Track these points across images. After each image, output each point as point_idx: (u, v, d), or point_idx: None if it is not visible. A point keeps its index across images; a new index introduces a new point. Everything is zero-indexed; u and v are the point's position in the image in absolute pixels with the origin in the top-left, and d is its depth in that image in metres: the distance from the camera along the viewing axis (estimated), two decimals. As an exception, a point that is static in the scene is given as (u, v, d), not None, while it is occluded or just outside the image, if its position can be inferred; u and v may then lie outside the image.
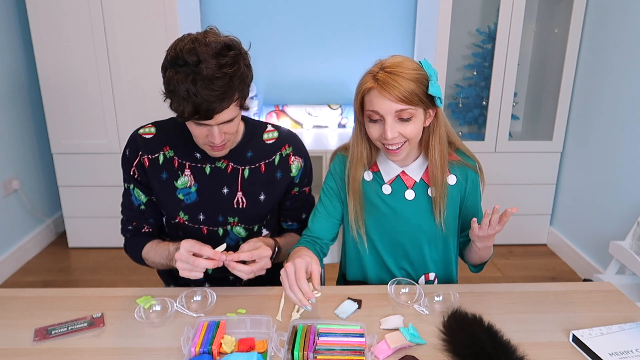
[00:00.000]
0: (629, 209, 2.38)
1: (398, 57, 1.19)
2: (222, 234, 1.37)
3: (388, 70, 1.15)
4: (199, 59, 1.07)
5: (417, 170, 1.31)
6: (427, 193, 1.31)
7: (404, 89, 1.13)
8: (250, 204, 1.34)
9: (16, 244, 2.84)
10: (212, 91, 1.07)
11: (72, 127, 2.79)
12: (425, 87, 1.16)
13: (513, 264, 2.91)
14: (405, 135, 1.18)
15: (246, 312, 1.19)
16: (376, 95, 1.15)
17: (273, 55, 3.20)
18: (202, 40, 1.09)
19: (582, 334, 1.07)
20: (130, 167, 1.33)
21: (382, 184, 1.31)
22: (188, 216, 1.34)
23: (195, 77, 1.07)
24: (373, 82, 1.15)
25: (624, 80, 2.42)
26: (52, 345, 1.06)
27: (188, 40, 1.11)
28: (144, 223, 1.39)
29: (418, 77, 1.15)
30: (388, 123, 1.16)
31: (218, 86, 1.07)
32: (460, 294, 1.20)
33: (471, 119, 3.05)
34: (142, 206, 1.37)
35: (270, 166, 1.35)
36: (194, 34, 1.14)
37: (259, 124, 1.38)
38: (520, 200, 3.01)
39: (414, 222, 1.32)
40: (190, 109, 1.09)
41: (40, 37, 2.63)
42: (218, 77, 1.07)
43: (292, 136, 1.39)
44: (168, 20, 2.61)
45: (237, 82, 1.11)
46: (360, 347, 1.01)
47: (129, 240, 1.40)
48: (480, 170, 1.34)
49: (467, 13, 3.00)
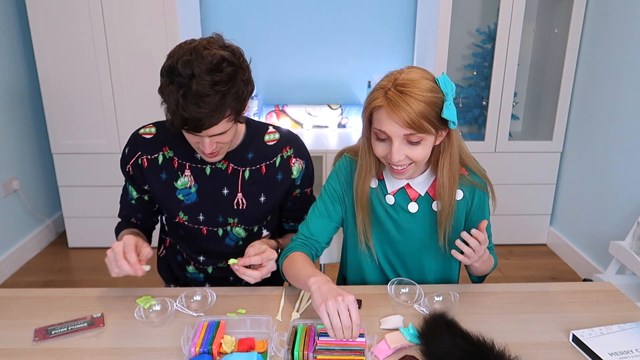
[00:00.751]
0: (629, 209, 2.38)
1: (414, 71, 1.11)
2: (222, 235, 1.37)
3: (400, 88, 1.07)
4: (193, 73, 1.05)
5: (423, 184, 1.27)
6: (431, 207, 1.27)
7: (414, 114, 1.05)
8: (250, 205, 1.34)
9: (16, 244, 2.84)
10: (201, 108, 1.06)
11: (72, 127, 2.79)
12: (439, 110, 1.08)
13: (513, 264, 2.91)
14: (412, 159, 1.13)
15: (246, 312, 1.18)
16: (385, 115, 1.08)
17: (273, 55, 3.20)
18: (201, 52, 1.07)
19: (582, 334, 1.07)
20: (126, 165, 1.35)
21: (385, 193, 1.28)
22: (188, 216, 1.35)
23: (186, 92, 1.05)
24: (383, 100, 1.08)
25: (623, 80, 2.42)
26: (52, 345, 1.06)
27: (187, 49, 1.08)
28: (132, 215, 1.43)
29: (432, 99, 1.07)
30: (395, 146, 1.10)
31: (208, 103, 1.06)
32: (460, 294, 1.20)
33: (471, 119, 3.05)
34: (132, 201, 1.40)
35: (271, 168, 1.34)
36: (197, 41, 1.12)
37: (261, 126, 1.37)
38: (520, 200, 3.01)
39: (414, 235, 1.29)
40: (179, 121, 1.09)
41: (41, 37, 2.63)
42: (209, 95, 1.05)
43: (293, 138, 1.38)
44: (168, 20, 2.61)
45: (231, 99, 1.09)
46: (360, 347, 1.01)
47: (119, 223, 1.45)
48: (492, 190, 1.29)
49: (467, 13, 3.00)
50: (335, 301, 0.99)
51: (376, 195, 1.29)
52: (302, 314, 1.18)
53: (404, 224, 1.29)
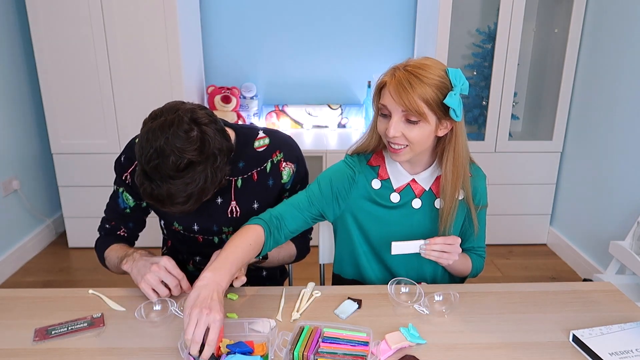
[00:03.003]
0: (629, 209, 2.38)
1: (429, 59, 1.17)
2: (218, 242, 1.38)
3: (410, 69, 1.13)
4: (162, 177, 1.06)
5: (428, 179, 1.29)
6: (433, 204, 1.29)
7: (416, 94, 1.11)
8: (244, 212, 1.33)
9: (16, 244, 2.83)
10: (174, 206, 1.10)
11: (72, 127, 2.79)
12: (443, 96, 1.13)
13: (513, 264, 2.91)
14: (407, 138, 1.16)
15: (237, 298, 1.21)
16: (388, 91, 1.15)
17: (273, 55, 3.20)
18: (168, 156, 1.04)
19: (582, 334, 1.07)
20: (123, 173, 1.33)
21: (391, 192, 1.29)
22: (182, 226, 1.35)
23: (159, 193, 1.07)
24: (390, 78, 1.15)
25: (623, 80, 2.42)
26: (52, 345, 1.06)
27: (154, 149, 1.05)
28: (122, 226, 1.39)
29: (438, 84, 1.12)
30: (393, 120, 1.15)
31: (181, 202, 1.09)
32: (460, 294, 1.20)
33: (471, 119, 3.05)
34: (127, 209, 1.37)
35: (262, 174, 1.33)
36: (164, 131, 1.05)
37: (250, 132, 1.35)
38: (520, 200, 3.01)
39: (416, 231, 1.30)
40: (149, 200, 1.12)
41: (40, 37, 2.63)
42: (180, 195, 1.08)
43: (284, 142, 1.36)
44: (168, 20, 2.61)
45: (201, 194, 1.11)
46: (363, 352, 1.01)
47: (100, 238, 1.41)
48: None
49: (467, 13, 3.00)
50: (201, 312, 0.96)
51: (380, 195, 1.29)
52: (302, 314, 1.17)
53: (408, 221, 1.30)
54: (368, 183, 1.30)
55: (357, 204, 1.31)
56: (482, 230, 1.38)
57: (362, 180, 1.30)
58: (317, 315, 1.17)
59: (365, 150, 1.31)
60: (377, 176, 1.30)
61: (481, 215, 1.36)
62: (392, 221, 1.30)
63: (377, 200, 1.29)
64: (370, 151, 1.31)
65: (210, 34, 3.14)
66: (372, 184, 1.30)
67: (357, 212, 1.32)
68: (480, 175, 1.34)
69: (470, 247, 1.39)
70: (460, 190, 1.26)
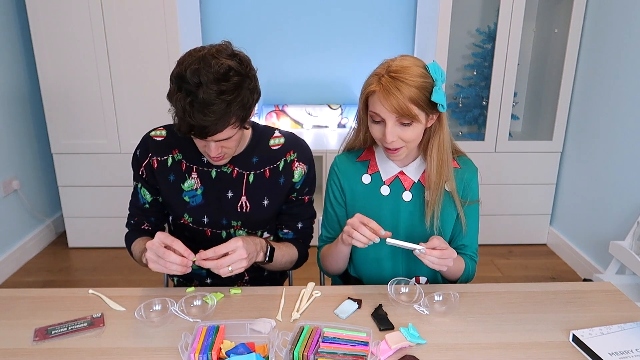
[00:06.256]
0: (629, 209, 2.39)
1: (406, 59, 1.20)
2: (226, 237, 1.38)
3: (393, 74, 1.16)
4: (200, 81, 1.08)
5: (416, 171, 1.32)
6: (423, 196, 1.31)
7: (405, 98, 1.14)
8: (253, 208, 1.35)
9: (16, 244, 2.84)
10: (207, 116, 1.08)
11: (72, 127, 2.79)
12: (429, 94, 1.17)
13: (513, 264, 2.91)
14: (404, 139, 1.21)
15: (241, 292, 1.23)
16: (379, 100, 1.17)
17: (273, 55, 3.20)
18: (209, 61, 1.09)
19: (582, 334, 1.07)
20: (139, 167, 1.36)
21: (380, 185, 1.32)
22: (192, 218, 1.36)
23: (193, 100, 1.08)
24: (377, 86, 1.17)
25: (624, 80, 2.42)
26: (52, 345, 1.06)
27: (196, 58, 1.11)
28: (145, 220, 1.42)
29: (422, 84, 1.16)
30: (389, 127, 1.19)
31: (214, 112, 1.08)
32: (460, 294, 1.20)
33: (471, 119, 3.05)
34: (146, 205, 1.40)
35: (275, 172, 1.36)
36: (206, 49, 1.14)
37: (267, 130, 1.39)
38: (520, 200, 3.01)
39: (408, 224, 1.33)
40: (185, 127, 1.11)
41: (41, 37, 2.63)
42: (215, 103, 1.08)
43: (298, 143, 1.40)
44: (168, 21, 2.61)
45: (236, 107, 1.12)
46: (363, 352, 1.01)
47: (128, 234, 1.44)
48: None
49: (467, 13, 3.00)
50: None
51: (370, 190, 1.33)
52: (302, 314, 1.18)
53: (399, 213, 1.32)
54: (357, 181, 1.35)
55: (350, 202, 1.37)
56: (474, 229, 1.38)
57: (348, 182, 1.36)
58: (317, 315, 1.17)
59: (354, 147, 1.38)
60: (368, 170, 1.34)
61: (472, 212, 1.35)
62: (384, 214, 1.32)
63: (368, 195, 1.33)
64: (360, 148, 1.37)
65: (210, 34, 3.14)
66: (362, 179, 1.34)
67: (350, 209, 1.36)
68: (471, 167, 1.36)
69: (460, 244, 1.38)
70: (451, 181, 1.29)
